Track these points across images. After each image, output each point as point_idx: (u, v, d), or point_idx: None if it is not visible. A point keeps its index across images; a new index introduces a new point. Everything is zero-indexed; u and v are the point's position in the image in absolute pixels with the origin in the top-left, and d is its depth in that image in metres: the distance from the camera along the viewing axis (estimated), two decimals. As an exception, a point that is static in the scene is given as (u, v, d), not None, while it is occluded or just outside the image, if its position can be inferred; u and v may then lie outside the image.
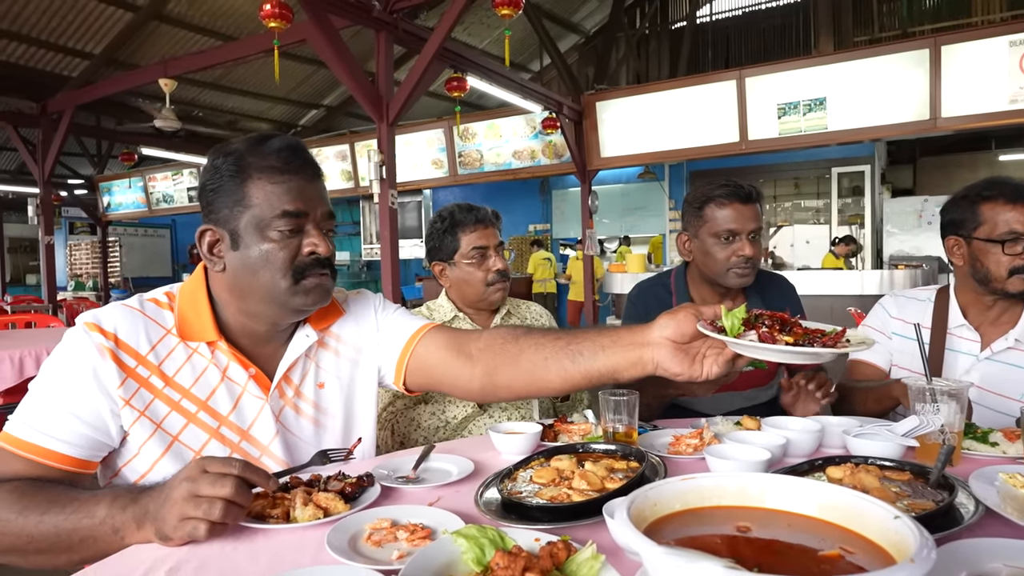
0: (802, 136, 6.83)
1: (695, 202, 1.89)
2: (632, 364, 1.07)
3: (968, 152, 11.39)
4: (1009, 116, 6.03)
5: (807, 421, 1.34)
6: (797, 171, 9.58)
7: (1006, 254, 1.66)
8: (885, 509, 0.70)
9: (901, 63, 6.35)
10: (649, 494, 0.79)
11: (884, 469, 1.09)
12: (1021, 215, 1.64)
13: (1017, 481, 1.04)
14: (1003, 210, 1.66)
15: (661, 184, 10.51)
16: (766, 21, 10.56)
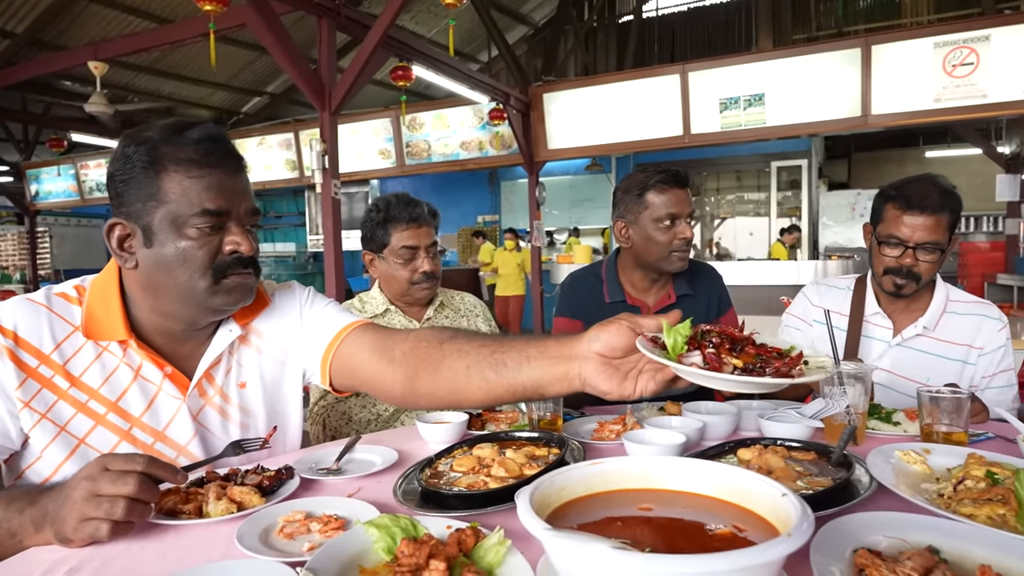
0: (742, 130, 7.00)
1: (634, 189, 1.91)
2: (558, 379, 0.97)
3: (898, 148, 11.91)
4: (934, 115, 6.31)
5: (724, 405, 1.39)
6: (738, 164, 9.84)
7: (883, 254, 1.76)
8: (774, 487, 0.73)
9: (835, 61, 6.57)
10: (556, 480, 0.81)
11: (791, 450, 1.14)
12: (907, 224, 1.71)
13: (911, 458, 1.11)
14: (896, 213, 1.74)
15: (608, 176, 10.63)
16: (710, 17, 10.78)
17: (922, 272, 1.74)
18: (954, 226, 1.74)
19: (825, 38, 9.27)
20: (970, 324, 1.78)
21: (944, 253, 1.74)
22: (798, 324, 2.01)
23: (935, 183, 1.75)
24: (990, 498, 0.91)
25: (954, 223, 1.74)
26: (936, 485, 1.00)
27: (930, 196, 1.70)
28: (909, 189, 1.75)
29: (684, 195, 1.89)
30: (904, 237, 1.72)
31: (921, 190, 1.72)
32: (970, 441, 1.27)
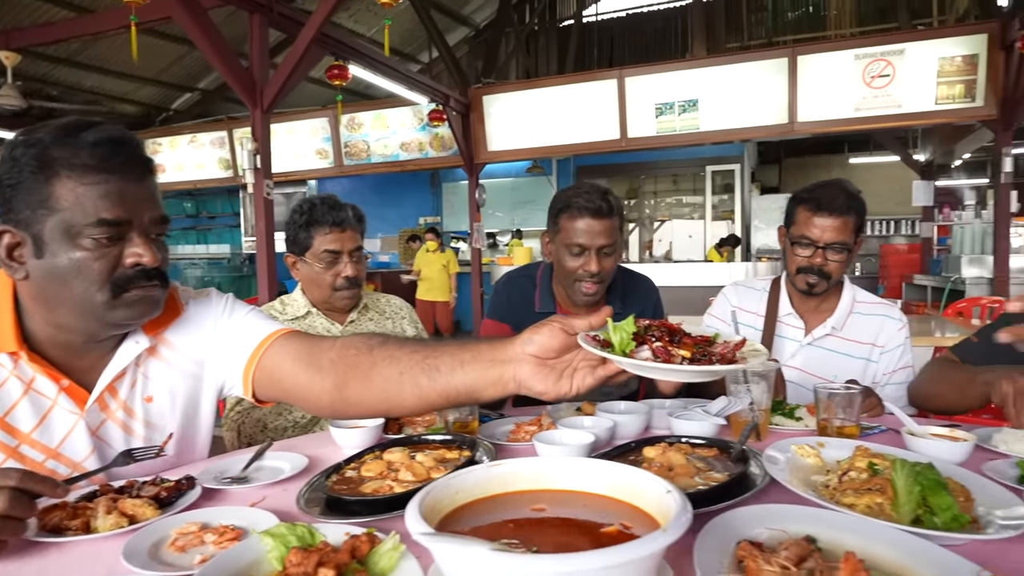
0: (677, 135, 7.19)
1: (554, 207, 1.87)
2: (492, 383, 0.96)
3: (825, 154, 12.44)
4: (855, 123, 6.63)
5: (637, 404, 1.42)
6: (675, 168, 10.09)
7: (795, 254, 1.85)
8: (660, 485, 0.75)
9: (764, 70, 6.82)
10: (451, 483, 0.81)
11: (695, 447, 1.18)
12: (817, 225, 1.80)
13: (805, 451, 1.16)
14: (807, 215, 1.83)
15: (549, 179, 10.72)
16: (648, 24, 11.01)
17: (831, 271, 1.83)
18: (859, 228, 1.84)
19: (756, 47, 9.61)
20: (874, 324, 1.88)
21: (851, 253, 1.83)
22: (718, 325, 2.07)
23: (842, 187, 1.84)
24: (870, 488, 0.96)
25: (859, 225, 1.83)
26: (824, 477, 1.05)
27: (838, 199, 1.79)
28: (819, 193, 1.83)
29: (599, 226, 1.75)
30: (814, 238, 1.81)
31: (830, 194, 1.81)
32: (863, 434, 1.34)
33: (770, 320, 1.95)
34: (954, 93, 6.24)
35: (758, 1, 10.42)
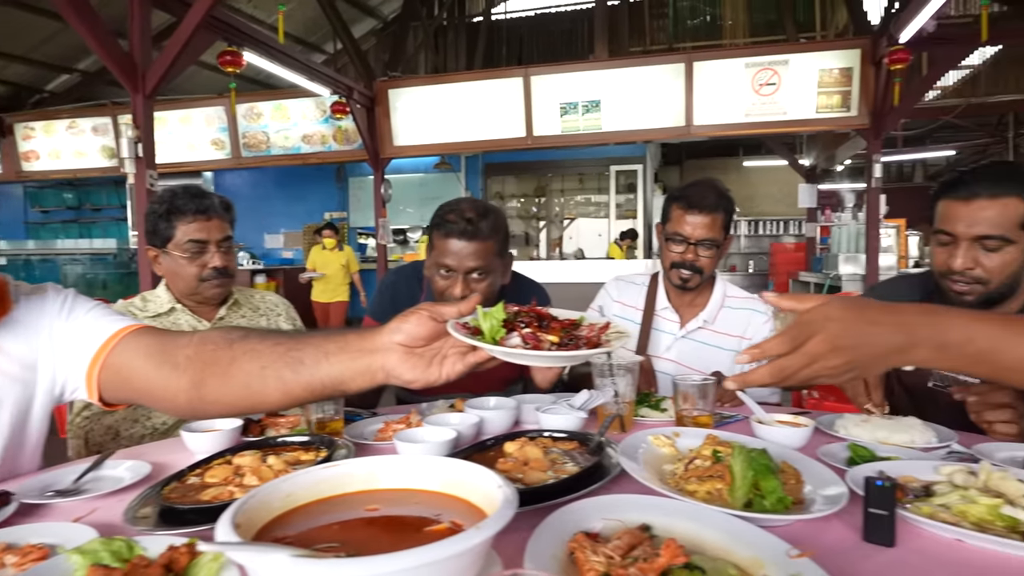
0: (581, 135, 7.33)
1: (431, 221, 1.77)
2: (360, 373, 0.95)
3: (722, 157, 13.08)
4: (745, 128, 6.99)
5: (506, 400, 1.42)
6: (581, 167, 10.31)
7: (670, 250, 1.92)
8: (492, 480, 0.74)
9: (663, 74, 7.07)
10: (282, 486, 0.77)
11: (556, 440, 1.19)
12: (689, 223, 1.88)
13: (661, 441, 1.19)
14: (680, 213, 1.91)
15: (458, 175, 10.69)
16: (555, 24, 11.17)
17: (703, 266, 1.90)
18: (728, 225, 1.92)
19: (657, 52, 9.95)
20: (742, 317, 1.97)
21: (720, 249, 1.91)
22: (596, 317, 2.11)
23: (713, 186, 1.92)
24: (711, 475, 1.00)
25: (728, 222, 1.92)
26: (673, 466, 1.08)
27: (707, 197, 1.87)
28: (690, 191, 1.91)
29: (468, 249, 1.61)
30: (687, 234, 1.88)
31: (700, 192, 1.89)
32: (720, 423, 1.40)
33: (648, 314, 2.01)
34: (832, 103, 6.70)
35: (660, 9, 10.79)
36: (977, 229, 1.43)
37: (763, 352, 0.79)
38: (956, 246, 1.47)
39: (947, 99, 9.96)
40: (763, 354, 0.79)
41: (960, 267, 1.45)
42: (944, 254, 1.50)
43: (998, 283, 1.45)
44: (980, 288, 1.46)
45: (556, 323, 1.00)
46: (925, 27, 5.75)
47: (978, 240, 1.43)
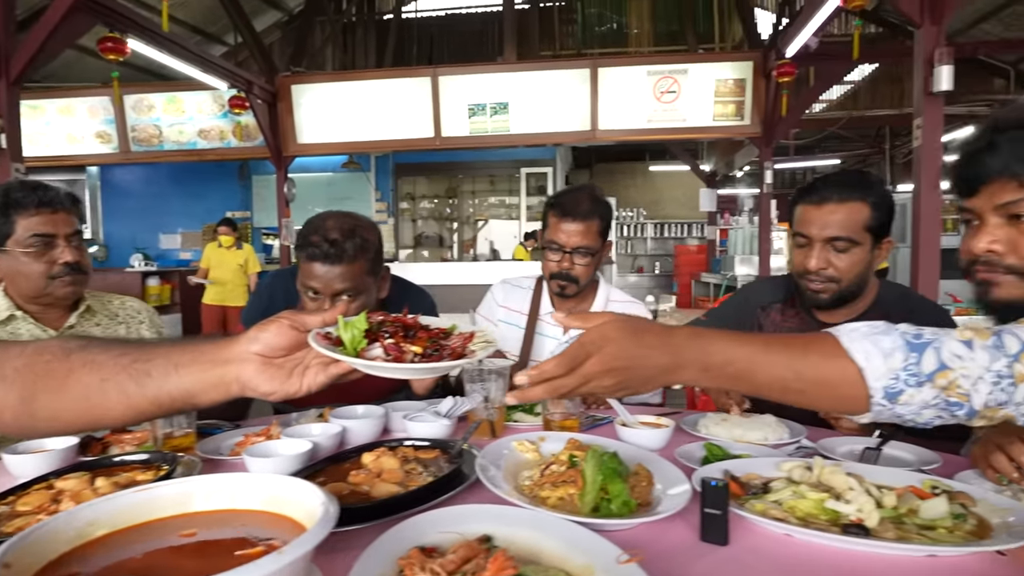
0: (489, 136, 7.34)
1: (296, 240, 1.66)
2: (212, 386, 0.90)
3: (630, 162, 13.48)
4: (647, 133, 7.22)
5: (374, 408, 1.38)
6: (492, 169, 10.33)
7: (547, 259, 1.91)
8: (316, 496, 0.71)
9: (569, 79, 7.19)
10: (80, 514, 0.70)
11: (418, 449, 1.16)
12: (563, 231, 1.85)
13: (524, 447, 1.18)
14: (555, 221, 1.88)
15: (367, 175, 10.47)
16: (466, 26, 11.15)
17: (578, 275, 1.90)
18: (605, 232, 1.93)
19: (566, 57, 10.13)
20: None
21: (596, 256, 1.91)
22: (484, 324, 2.09)
23: (588, 193, 1.92)
24: (565, 480, 1.00)
25: (605, 229, 1.92)
26: (530, 472, 1.07)
27: (582, 204, 1.86)
28: (564, 198, 1.90)
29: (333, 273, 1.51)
30: (562, 242, 1.87)
31: (575, 199, 1.88)
32: (591, 426, 1.41)
33: (532, 319, 2.01)
34: (727, 111, 7.02)
35: (569, 15, 10.97)
36: (828, 231, 1.52)
37: (542, 374, 0.81)
38: (811, 247, 1.56)
39: (832, 112, 10.69)
40: (542, 376, 0.81)
41: (814, 267, 1.54)
42: (801, 255, 1.58)
43: (848, 282, 1.54)
44: (833, 286, 1.55)
45: (424, 333, 0.98)
46: (808, 44, 6.13)
47: (829, 242, 1.52)
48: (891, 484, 1.00)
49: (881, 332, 0.84)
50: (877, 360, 0.82)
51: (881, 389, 0.82)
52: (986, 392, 0.80)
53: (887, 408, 0.83)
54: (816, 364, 0.84)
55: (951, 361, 0.81)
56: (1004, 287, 1.00)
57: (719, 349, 0.84)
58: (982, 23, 8.48)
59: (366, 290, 1.58)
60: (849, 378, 0.83)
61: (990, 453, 1.06)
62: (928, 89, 3.60)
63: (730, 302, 1.90)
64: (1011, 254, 0.98)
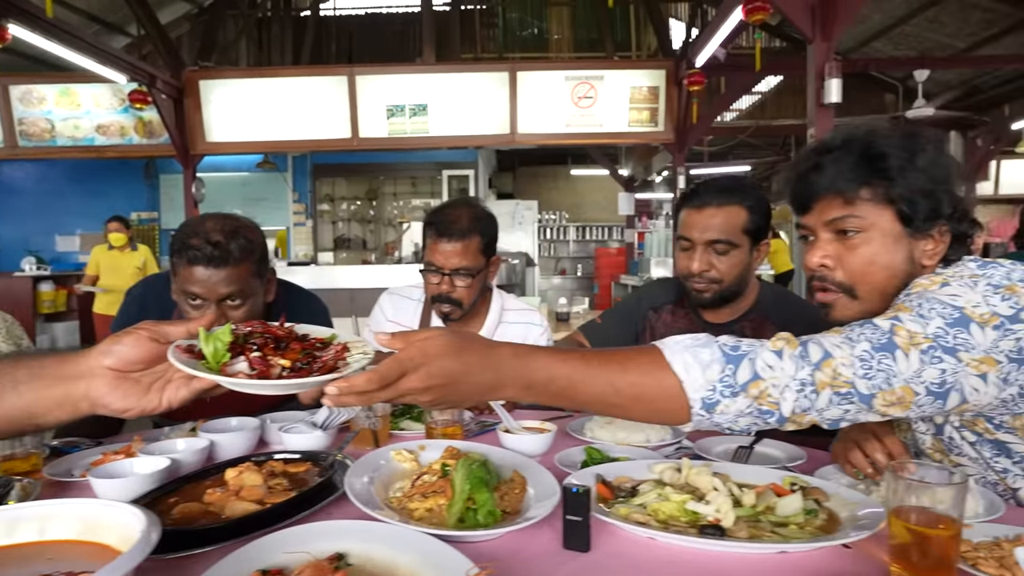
0: (408, 138, 7.24)
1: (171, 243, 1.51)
2: (57, 404, 0.84)
3: (552, 165, 13.63)
4: (565, 138, 7.31)
5: (248, 421, 1.31)
6: (413, 171, 10.21)
7: (428, 281, 1.80)
8: (139, 521, 0.65)
9: (489, 82, 7.19)
10: None
11: (288, 463, 1.11)
12: (439, 251, 1.73)
13: (402, 456, 1.15)
14: (432, 241, 1.77)
15: (284, 176, 10.13)
16: (387, 25, 10.97)
17: (461, 297, 1.75)
18: (489, 248, 1.79)
19: (486, 60, 10.14)
20: (520, 331, 1.93)
21: (480, 275, 1.77)
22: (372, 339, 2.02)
23: (468, 207, 1.78)
24: (435, 491, 0.97)
25: (488, 245, 1.78)
26: (401, 483, 1.04)
27: (460, 222, 1.72)
28: (440, 216, 1.75)
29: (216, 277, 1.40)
30: (439, 264, 1.73)
31: (452, 217, 1.73)
32: (480, 432, 1.39)
33: (423, 333, 1.95)
34: (642, 118, 7.21)
35: (490, 19, 11.00)
36: (708, 234, 1.57)
37: (351, 388, 0.77)
38: (693, 250, 1.60)
39: (742, 120, 11.17)
40: (351, 390, 0.77)
41: (697, 269, 1.58)
42: (684, 258, 1.63)
43: (729, 283, 1.59)
44: (715, 287, 1.60)
45: (297, 344, 0.93)
46: (716, 55, 6.37)
47: (710, 244, 1.57)
48: (755, 482, 1.03)
49: (701, 345, 0.87)
50: (696, 372, 0.85)
51: (700, 400, 0.85)
52: (792, 399, 0.84)
53: (706, 418, 0.86)
54: (634, 380, 0.86)
55: (763, 371, 0.85)
56: (837, 309, 1.05)
57: (540, 367, 0.85)
58: (873, 41, 9.08)
59: (253, 293, 1.49)
60: (669, 390, 0.85)
61: (848, 450, 1.11)
62: (820, 100, 3.81)
63: (623, 304, 1.93)
64: (839, 269, 1.04)
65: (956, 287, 0.90)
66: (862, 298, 1.03)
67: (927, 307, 0.88)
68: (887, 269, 1.01)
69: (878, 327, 0.87)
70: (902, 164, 0.99)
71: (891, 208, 1.00)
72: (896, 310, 0.91)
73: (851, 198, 1.01)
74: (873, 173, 1.00)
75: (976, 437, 1.00)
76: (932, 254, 1.03)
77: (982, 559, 0.80)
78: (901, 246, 1.01)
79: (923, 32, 8.65)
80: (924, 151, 1.00)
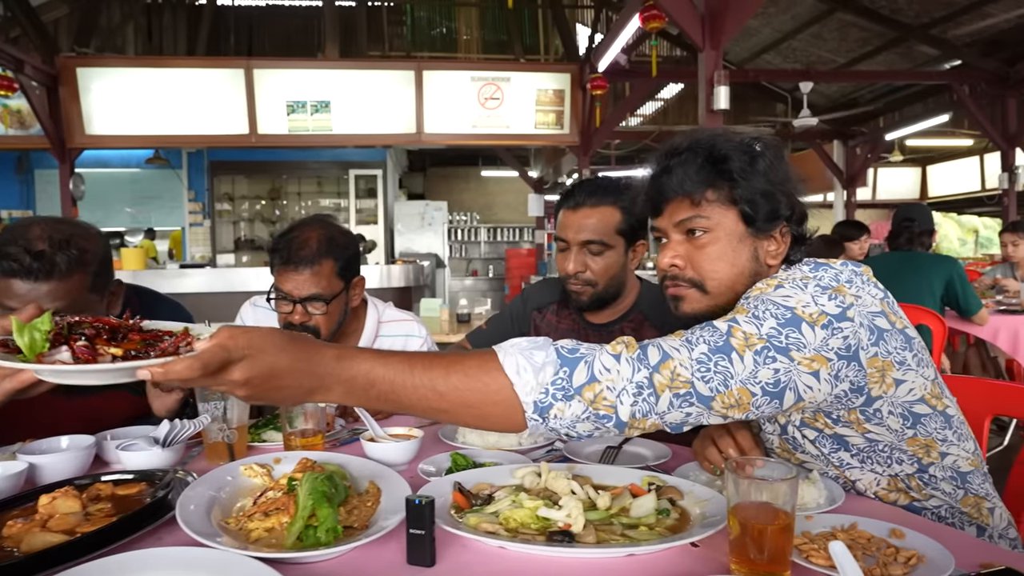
0: (310, 135, 7.00)
1: None
2: None
3: (464, 166, 13.58)
4: (472, 139, 7.29)
5: (80, 439, 1.19)
6: (319, 171, 9.88)
7: (279, 311, 1.65)
8: None
9: (394, 80, 7.05)
10: None
11: (117, 484, 1.01)
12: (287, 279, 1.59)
13: (253, 471, 1.07)
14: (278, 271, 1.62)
15: (177, 172, 9.56)
16: (290, 19, 10.57)
17: (318, 324, 1.60)
18: (348, 268, 1.66)
19: (393, 58, 9.98)
20: (399, 343, 1.86)
21: (339, 298, 1.63)
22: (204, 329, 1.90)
23: (317, 228, 1.63)
24: (278, 508, 0.91)
25: (346, 266, 1.65)
26: (243, 501, 0.97)
27: (306, 248, 1.59)
28: (286, 241, 1.61)
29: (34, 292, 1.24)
30: (288, 291, 1.59)
31: (298, 242, 1.60)
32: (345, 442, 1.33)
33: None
34: (548, 120, 7.29)
35: (398, 16, 10.82)
36: (582, 235, 1.57)
37: (168, 374, 0.73)
38: (569, 251, 1.60)
39: (647, 126, 11.54)
40: (167, 376, 0.73)
41: (572, 270, 1.58)
42: (562, 259, 1.62)
43: (604, 284, 1.60)
44: (591, 289, 1.60)
45: (137, 335, 0.86)
46: (618, 60, 6.54)
47: (585, 245, 1.57)
48: (616, 483, 1.03)
49: (537, 347, 0.86)
50: (528, 375, 0.83)
51: (532, 403, 0.83)
52: (630, 403, 0.84)
53: (540, 423, 0.84)
54: (457, 383, 0.83)
55: (600, 374, 0.84)
56: (688, 301, 1.08)
57: (362, 370, 0.82)
58: (764, 54, 9.61)
59: (88, 310, 1.31)
60: (498, 394, 0.83)
61: (704, 446, 1.13)
62: (710, 107, 3.95)
63: (509, 307, 1.91)
64: (690, 268, 1.07)
65: (788, 289, 0.93)
66: (712, 293, 1.06)
67: (761, 308, 0.90)
68: (733, 266, 1.05)
69: (716, 329, 0.89)
70: (743, 167, 1.03)
71: (735, 209, 1.04)
72: (735, 312, 0.93)
73: (698, 200, 1.04)
74: (717, 175, 1.03)
75: (816, 433, 1.04)
76: (775, 254, 1.07)
77: (815, 551, 0.82)
78: (745, 245, 1.05)
79: (808, 47, 9.24)
80: (763, 156, 1.04)
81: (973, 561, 0.82)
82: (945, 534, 0.92)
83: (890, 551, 0.84)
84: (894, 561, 0.82)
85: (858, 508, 0.99)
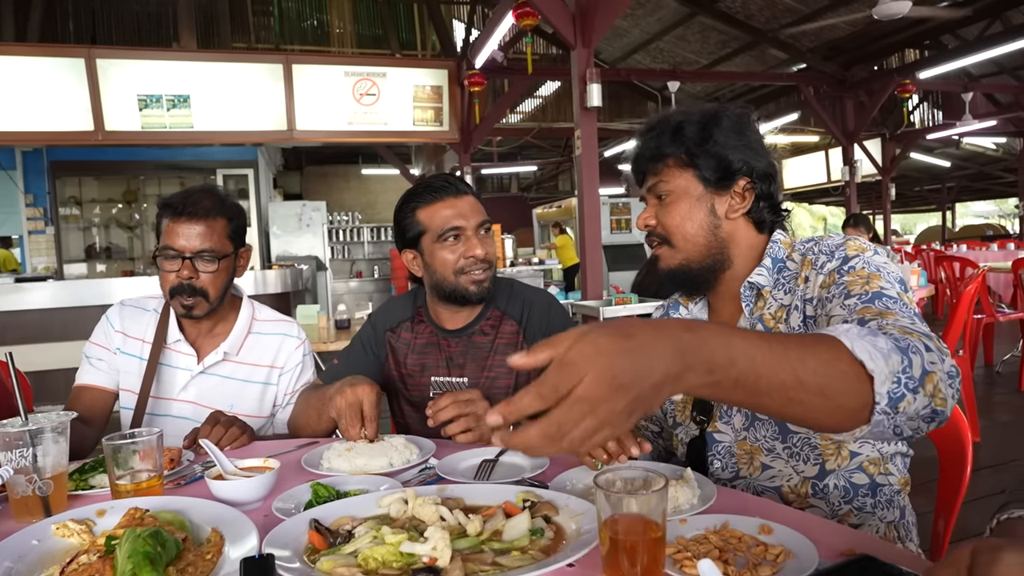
0: (167, 132, 6.45)
1: None
2: None
3: (343, 164, 13.14)
4: (348, 136, 7.03)
5: None
6: (181, 171, 9.16)
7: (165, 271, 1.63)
8: None
9: (262, 74, 6.65)
10: None
11: None
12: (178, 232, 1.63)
13: (68, 529, 0.92)
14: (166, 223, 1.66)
15: (11, 175, 8.53)
16: (139, 5, 9.71)
17: (205, 285, 1.60)
18: (237, 236, 1.68)
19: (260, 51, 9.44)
20: (273, 343, 1.76)
21: (227, 262, 1.63)
22: (101, 354, 1.71)
23: (211, 191, 1.68)
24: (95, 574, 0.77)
25: (237, 232, 1.68)
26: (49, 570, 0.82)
27: (203, 202, 1.61)
28: (180, 197, 1.64)
29: None
30: (179, 247, 1.58)
31: (193, 197, 1.63)
32: (189, 482, 1.18)
33: (156, 348, 1.68)
34: (427, 117, 7.17)
35: (264, 6, 10.24)
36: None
37: (518, 410, 0.58)
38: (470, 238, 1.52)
39: (527, 123, 11.68)
40: (519, 413, 0.59)
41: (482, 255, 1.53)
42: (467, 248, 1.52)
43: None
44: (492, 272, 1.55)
45: None
46: (495, 56, 6.54)
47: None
48: (490, 503, 0.97)
49: (872, 332, 0.76)
50: (880, 361, 0.72)
51: (886, 394, 0.73)
52: (951, 395, 0.78)
53: (888, 416, 0.74)
54: (816, 368, 0.70)
55: (930, 365, 0.77)
56: (664, 259, 1.23)
57: (719, 343, 0.65)
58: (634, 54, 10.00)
59: None
60: (853, 383, 0.72)
61: None
62: (583, 104, 4.02)
63: (359, 335, 1.78)
64: (659, 225, 1.23)
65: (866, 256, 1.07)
66: (677, 247, 1.21)
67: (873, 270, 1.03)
68: (693, 221, 1.20)
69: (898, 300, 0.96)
70: (695, 134, 1.17)
71: (691, 171, 1.19)
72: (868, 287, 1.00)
73: (660, 168, 1.21)
74: (675, 144, 1.18)
75: None
76: (735, 208, 1.20)
77: (688, 560, 0.80)
78: (703, 202, 1.20)
79: (674, 48, 9.72)
80: (718, 124, 1.17)
81: (839, 550, 0.83)
82: (811, 524, 0.94)
83: (759, 549, 0.84)
84: (763, 560, 0.82)
85: (729, 505, 0.99)
